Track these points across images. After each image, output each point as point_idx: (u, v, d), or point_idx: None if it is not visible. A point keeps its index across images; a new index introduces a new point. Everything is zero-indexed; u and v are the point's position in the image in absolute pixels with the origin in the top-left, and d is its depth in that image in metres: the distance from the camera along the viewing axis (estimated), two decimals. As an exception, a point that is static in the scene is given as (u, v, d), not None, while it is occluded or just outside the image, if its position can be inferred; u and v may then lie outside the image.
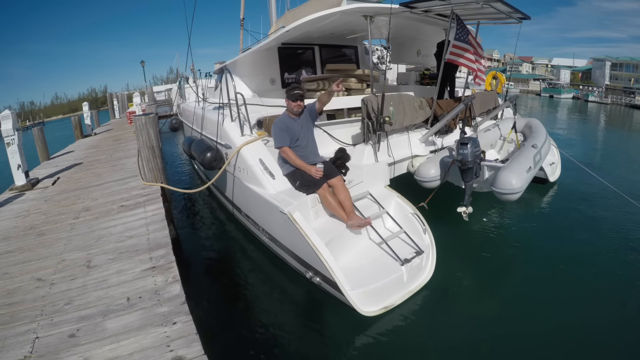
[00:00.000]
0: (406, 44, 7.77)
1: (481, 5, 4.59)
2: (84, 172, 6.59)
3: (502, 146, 6.32)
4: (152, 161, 4.91)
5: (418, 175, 4.79)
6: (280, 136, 3.88)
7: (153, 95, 21.45)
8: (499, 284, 3.96)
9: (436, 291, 3.63)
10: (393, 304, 3.36)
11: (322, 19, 4.88)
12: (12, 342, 2.17)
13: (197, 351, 1.96)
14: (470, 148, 4.13)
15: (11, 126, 5.58)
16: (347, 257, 3.62)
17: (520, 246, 4.69)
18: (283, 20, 7.07)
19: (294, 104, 3.90)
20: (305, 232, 3.36)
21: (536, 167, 4.89)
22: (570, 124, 19.33)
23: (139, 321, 2.26)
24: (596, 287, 3.72)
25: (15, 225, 4.11)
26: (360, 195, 4.22)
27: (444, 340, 3.12)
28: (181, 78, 12.36)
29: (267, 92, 6.57)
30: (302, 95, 3.94)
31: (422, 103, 5.40)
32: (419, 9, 5.10)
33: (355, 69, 6.94)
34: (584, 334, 3.10)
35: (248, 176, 4.27)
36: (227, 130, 4.75)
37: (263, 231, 4.32)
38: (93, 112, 15.02)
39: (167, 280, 2.65)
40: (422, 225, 4.06)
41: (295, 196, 3.78)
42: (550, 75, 53.24)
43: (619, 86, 39.99)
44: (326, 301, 3.53)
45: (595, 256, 4.25)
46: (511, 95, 6.41)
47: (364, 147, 4.72)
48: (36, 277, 2.90)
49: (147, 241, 3.32)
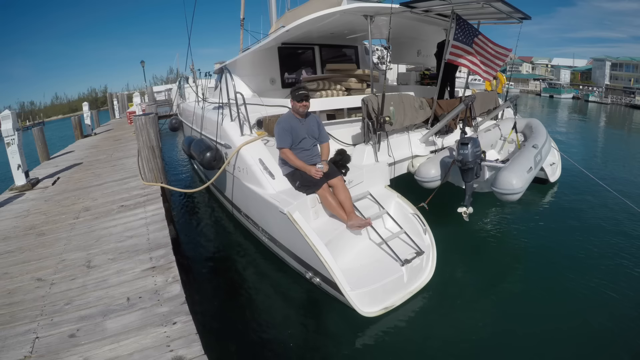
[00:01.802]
0: (406, 44, 7.76)
1: (482, 5, 4.59)
2: (84, 172, 6.59)
3: (503, 146, 6.32)
4: (152, 161, 4.91)
5: (418, 176, 4.78)
6: (282, 137, 3.85)
7: (153, 95, 21.46)
8: (500, 285, 3.95)
9: (436, 292, 3.63)
10: (393, 304, 3.35)
11: (323, 19, 4.87)
12: (12, 342, 2.17)
13: (197, 351, 1.96)
14: (470, 148, 4.12)
15: (11, 126, 5.57)
16: (347, 258, 3.62)
17: (521, 247, 4.68)
18: (283, 20, 7.06)
19: (299, 105, 3.88)
20: (305, 232, 3.35)
21: (537, 168, 4.88)
22: (571, 124, 19.32)
23: (139, 321, 2.25)
24: (596, 288, 3.70)
25: (15, 225, 4.11)
26: (360, 196, 4.21)
27: (444, 340, 3.11)
28: (181, 78, 12.37)
29: (267, 92, 6.57)
30: (307, 96, 3.92)
31: (423, 103, 5.40)
32: (419, 9, 5.09)
33: (356, 68, 6.93)
34: (584, 335, 3.10)
35: (248, 176, 4.26)
36: (227, 130, 4.74)
37: (263, 231, 4.32)
38: (93, 112, 15.03)
39: (167, 280, 2.65)
40: (423, 226, 4.05)
41: (295, 196, 3.77)
42: (550, 75, 53.19)
43: (619, 86, 39.97)
44: (326, 301, 3.53)
45: (595, 257, 4.25)
46: (512, 95, 6.41)
47: (364, 147, 4.71)
48: (36, 277, 2.90)
49: (147, 241, 3.31)
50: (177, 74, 16.23)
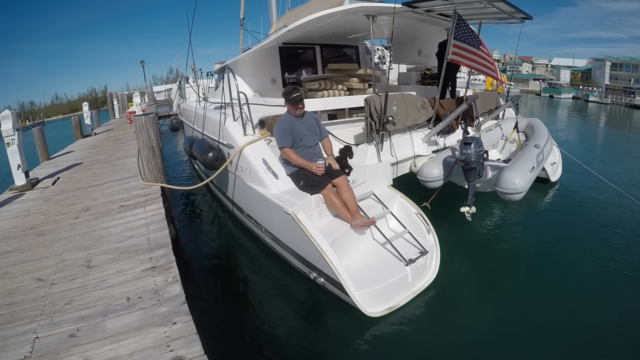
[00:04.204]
0: (407, 43, 7.75)
1: (484, 5, 4.57)
2: (84, 172, 6.57)
3: (504, 146, 6.31)
4: (152, 161, 4.89)
5: (421, 175, 4.76)
6: (282, 136, 3.86)
7: (153, 95, 21.46)
8: (503, 284, 3.93)
9: (440, 291, 3.61)
10: (398, 304, 3.34)
11: (325, 19, 4.86)
12: (12, 342, 2.15)
13: (197, 351, 1.94)
14: (473, 148, 4.11)
15: (11, 126, 5.55)
16: (352, 258, 3.60)
17: (524, 246, 4.66)
18: (284, 20, 7.05)
19: (294, 108, 3.90)
20: (310, 233, 3.33)
21: (539, 167, 4.87)
22: (571, 124, 19.32)
23: (139, 321, 2.23)
24: (601, 286, 3.69)
25: (15, 225, 4.09)
26: (363, 195, 4.20)
27: (448, 340, 3.09)
28: (181, 78, 12.35)
29: (269, 91, 6.55)
30: (301, 99, 3.94)
31: (425, 103, 5.38)
32: (421, 9, 5.08)
33: (357, 68, 6.92)
34: (590, 335, 3.07)
35: (251, 176, 4.23)
36: (229, 130, 4.70)
37: (266, 232, 4.29)
38: (93, 112, 15.00)
39: (167, 280, 2.63)
40: (426, 226, 4.04)
41: (299, 196, 3.75)
42: (550, 75, 53.22)
43: (619, 86, 39.98)
44: (327, 301, 3.51)
45: (600, 256, 4.22)
46: (513, 95, 6.40)
47: (367, 147, 4.70)
48: (36, 277, 2.88)
49: (147, 241, 3.29)
50: (177, 74, 16.24)
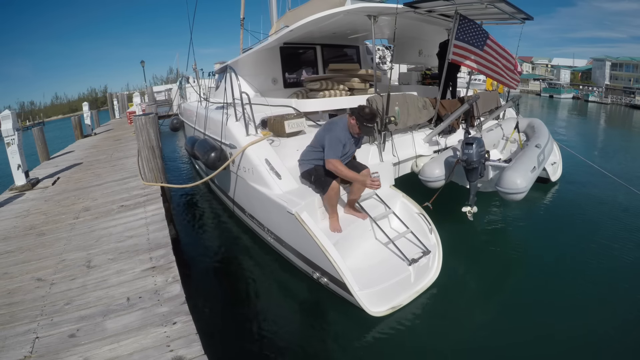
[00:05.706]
0: (408, 44, 7.74)
1: (485, 5, 4.56)
2: (84, 172, 6.56)
3: (505, 146, 6.30)
4: (152, 161, 4.88)
5: (422, 175, 4.75)
6: (335, 147, 3.62)
7: (153, 95, 21.46)
8: (504, 283, 3.92)
9: (442, 290, 3.61)
10: (401, 304, 3.34)
11: (326, 19, 4.84)
12: (12, 342, 2.14)
13: (197, 351, 1.93)
14: (475, 148, 4.11)
15: (11, 126, 5.54)
16: (355, 258, 3.60)
17: (525, 246, 4.66)
18: (284, 20, 7.04)
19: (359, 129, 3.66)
20: (313, 233, 3.32)
21: (540, 167, 4.87)
22: (571, 124, 19.30)
23: (139, 321, 2.22)
24: (604, 287, 3.67)
25: (15, 225, 4.08)
26: (366, 195, 4.18)
27: (451, 339, 3.08)
28: (182, 78, 12.34)
29: (270, 91, 6.55)
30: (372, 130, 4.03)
31: (426, 103, 5.37)
32: (422, 9, 5.07)
33: (358, 68, 6.91)
34: (593, 335, 3.06)
35: (253, 176, 4.21)
36: (232, 130, 4.67)
37: (268, 232, 4.28)
38: (93, 112, 14.99)
39: (167, 280, 2.62)
40: (428, 225, 4.04)
41: (302, 196, 3.73)
42: (550, 75, 53.19)
43: (619, 86, 39.94)
44: (328, 301, 3.50)
45: (602, 255, 4.21)
46: (514, 95, 6.39)
47: (369, 147, 4.69)
48: (36, 277, 2.87)
49: (147, 241, 3.28)
50: (178, 74, 16.24)
